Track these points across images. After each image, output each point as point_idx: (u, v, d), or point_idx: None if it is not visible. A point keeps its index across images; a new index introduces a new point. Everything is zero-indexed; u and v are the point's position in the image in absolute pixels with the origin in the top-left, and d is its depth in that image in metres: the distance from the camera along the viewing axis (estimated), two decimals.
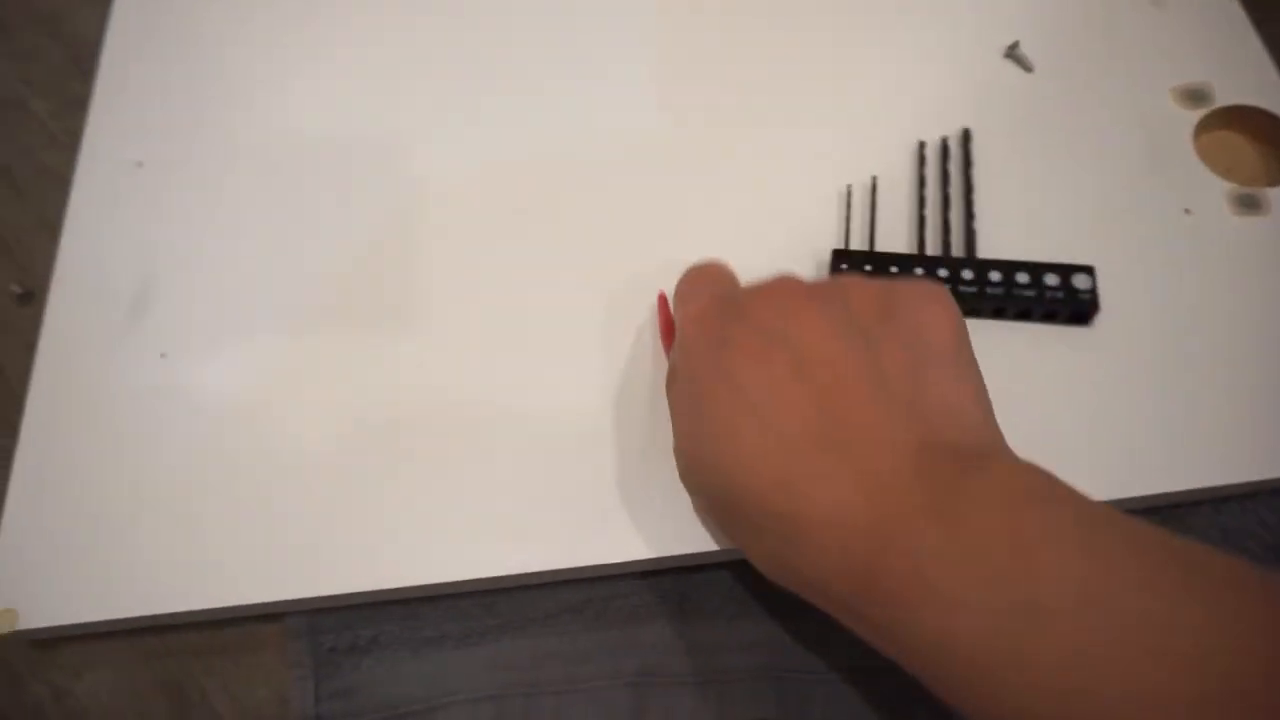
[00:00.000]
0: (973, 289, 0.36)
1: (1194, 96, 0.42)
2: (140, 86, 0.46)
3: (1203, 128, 0.42)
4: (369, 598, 0.34)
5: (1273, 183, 0.40)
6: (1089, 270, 0.36)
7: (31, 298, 0.43)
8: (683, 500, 0.34)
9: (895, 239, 0.39)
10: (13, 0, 0.52)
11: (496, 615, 0.35)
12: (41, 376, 0.38)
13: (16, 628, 0.33)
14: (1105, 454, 0.34)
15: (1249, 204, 0.39)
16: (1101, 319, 0.37)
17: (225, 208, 0.42)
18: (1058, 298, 0.36)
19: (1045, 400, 0.35)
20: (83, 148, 0.44)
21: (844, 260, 0.38)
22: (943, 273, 0.37)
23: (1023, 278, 0.36)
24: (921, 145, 0.41)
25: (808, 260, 0.39)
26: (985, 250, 0.38)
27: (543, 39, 0.46)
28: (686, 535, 0.34)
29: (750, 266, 0.34)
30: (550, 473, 0.35)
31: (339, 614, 0.35)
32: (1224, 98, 0.41)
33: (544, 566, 0.34)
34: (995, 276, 0.36)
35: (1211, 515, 0.35)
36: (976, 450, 0.27)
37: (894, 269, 0.37)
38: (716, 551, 0.34)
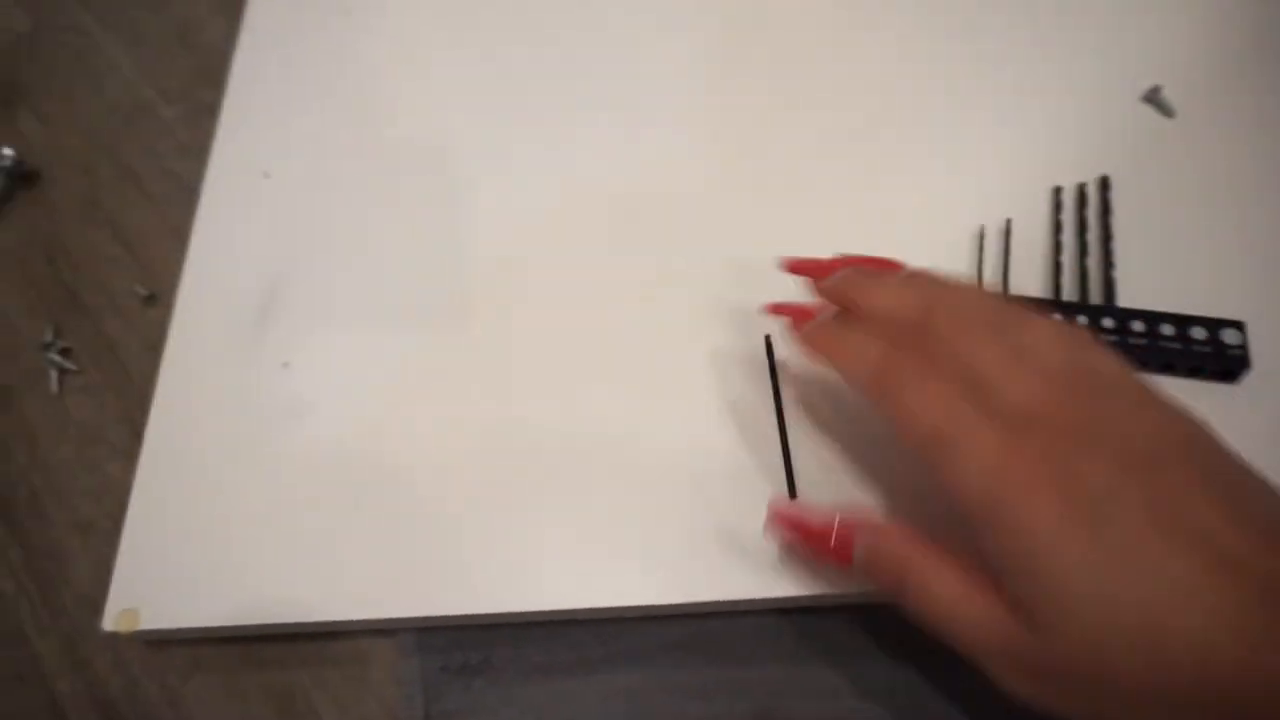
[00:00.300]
0: (1114, 338, 0.35)
1: None
2: (269, 97, 0.47)
3: None
4: (482, 620, 0.34)
5: None
6: (1239, 325, 0.35)
7: (155, 300, 0.44)
8: None
9: (1030, 284, 0.38)
10: (146, 8, 0.54)
11: (608, 644, 0.34)
12: (167, 381, 0.39)
13: (138, 628, 0.34)
14: None
15: None
16: (1250, 377, 0.35)
17: (349, 221, 0.43)
18: (1205, 352, 0.34)
19: None
20: (212, 156, 0.45)
21: None
22: (1082, 319, 0.36)
23: (1167, 329, 0.35)
24: (1058, 190, 0.40)
25: None
26: (1124, 301, 0.37)
27: (663, 64, 0.46)
28: (804, 578, 0.33)
29: None
30: (666, 506, 0.35)
31: (451, 633, 0.35)
32: None
33: (660, 600, 0.33)
34: (1139, 326, 0.35)
35: None
36: None
37: None
38: (837, 595, 0.33)
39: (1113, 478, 0.24)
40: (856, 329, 0.31)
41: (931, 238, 0.40)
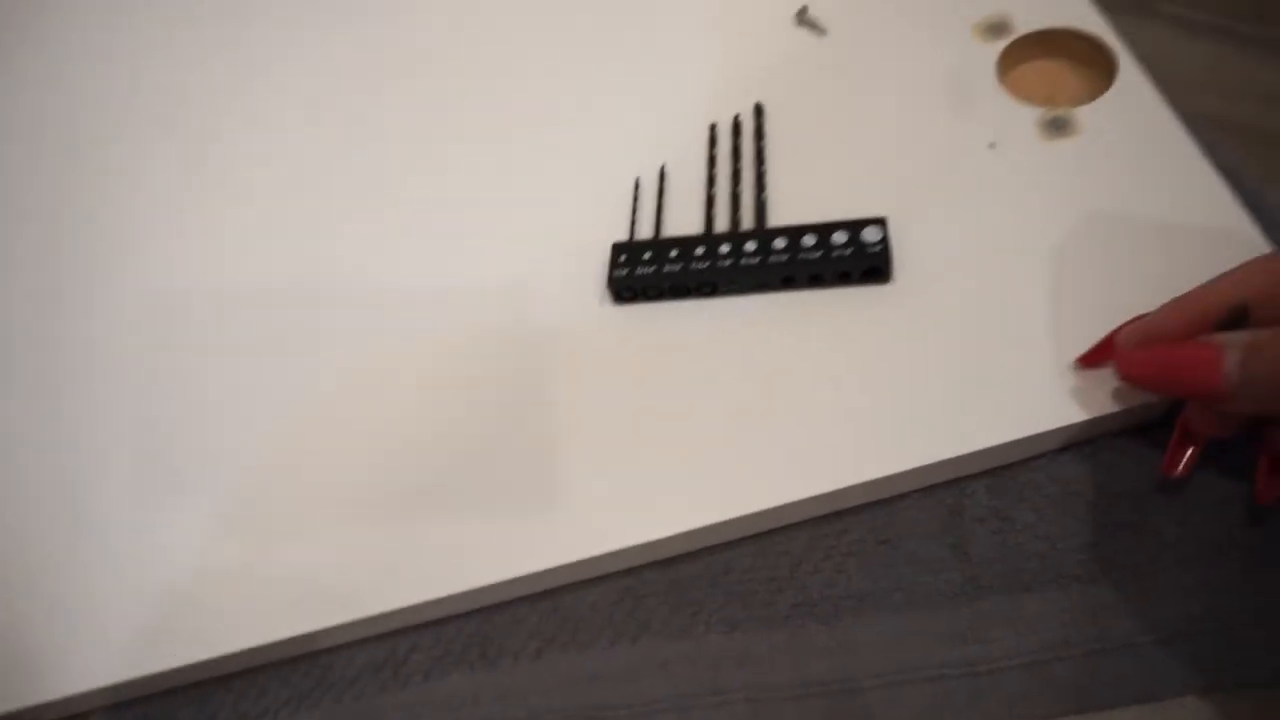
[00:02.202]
0: (755, 260, 0.34)
1: (994, 29, 0.39)
2: None
3: (1014, 59, 0.39)
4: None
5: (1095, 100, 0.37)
6: (880, 222, 0.33)
7: None
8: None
9: (687, 222, 0.37)
10: None
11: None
12: None
13: None
14: (922, 414, 0.31)
15: (1058, 127, 0.36)
16: (908, 272, 0.34)
17: None
18: (846, 255, 0.33)
19: (855, 366, 0.32)
20: None
21: (623, 253, 0.35)
22: (725, 248, 0.34)
23: (809, 240, 0.34)
24: (713, 127, 0.39)
25: (596, 258, 0.36)
26: (783, 221, 0.35)
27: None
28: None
29: (538, 272, 0.34)
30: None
31: None
32: (1028, 25, 0.39)
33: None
34: (780, 244, 0.34)
35: (1049, 468, 0.31)
36: None
37: (673, 253, 0.34)
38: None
39: None
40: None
41: (589, 195, 0.39)
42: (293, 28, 0.50)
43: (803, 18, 0.41)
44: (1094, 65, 0.38)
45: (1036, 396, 0.30)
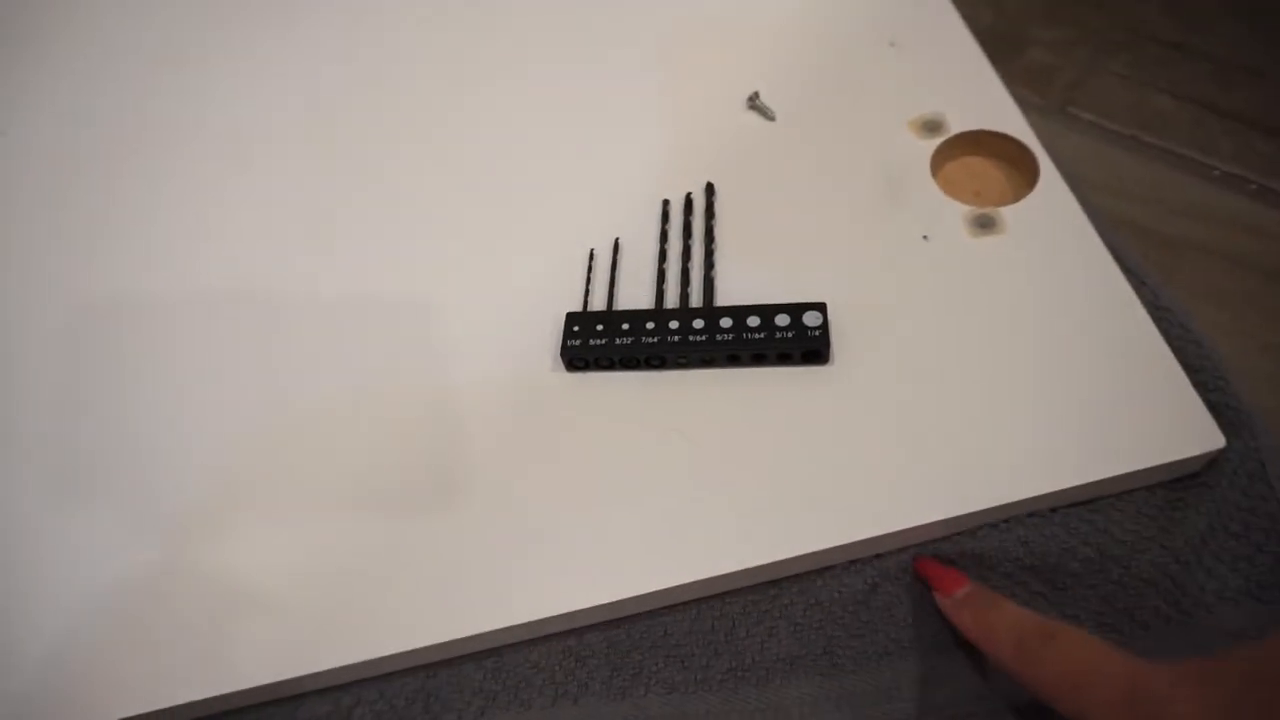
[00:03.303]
0: (702, 337, 0.35)
1: (930, 126, 0.42)
2: None
3: (946, 156, 0.42)
4: None
5: (1018, 199, 0.40)
6: (820, 307, 0.36)
7: None
8: None
9: (639, 296, 0.39)
10: None
11: None
12: None
13: None
14: (854, 491, 0.33)
15: (984, 225, 0.39)
16: (845, 355, 0.36)
17: None
18: (788, 338, 0.35)
19: (792, 443, 0.34)
20: None
21: (577, 323, 0.37)
22: (674, 324, 0.36)
23: (754, 321, 0.36)
24: (666, 203, 0.41)
25: (549, 325, 0.38)
26: (729, 300, 0.38)
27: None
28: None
29: (493, 336, 0.36)
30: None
31: None
32: (961, 125, 0.42)
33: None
34: (726, 323, 0.36)
35: (967, 541, 0.33)
36: None
37: (625, 325, 0.36)
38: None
39: None
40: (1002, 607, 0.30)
41: (544, 266, 0.40)
42: (245, 77, 0.51)
43: (754, 102, 0.44)
44: (1019, 165, 0.42)
45: (959, 478, 0.33)
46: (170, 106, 0.50)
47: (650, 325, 0.36)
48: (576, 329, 0.37)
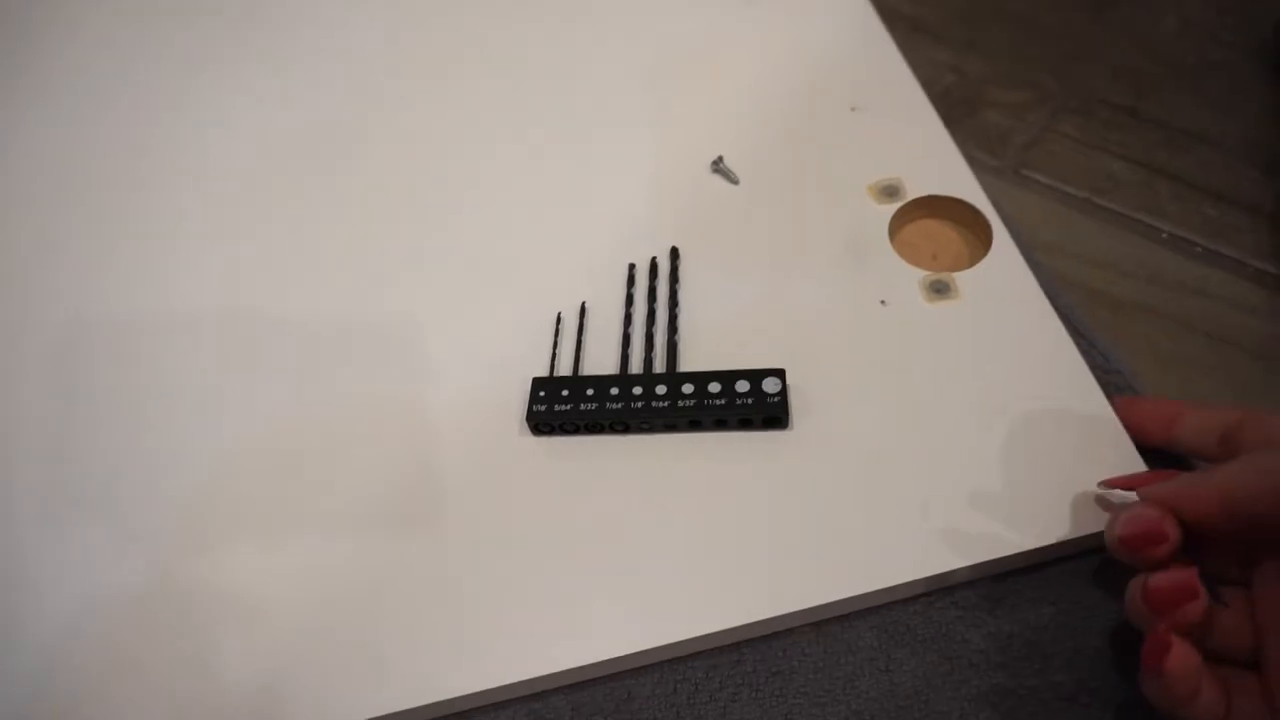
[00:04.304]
0: (665, 403, 0.36)
1: (888, 191, 0.43)
2: None
3: (904, 219, 0.43)
4: None
5: (974, 263, 0.41)
6: (779, 374, 0.37)
7: None
8: None
9: (604, 360, 0.39)
10: None
11: None
12: None
13: None
14: (815, 556, 0.34)
15: (939, 290, 0.40)
16: (805, 420, 0.37)
17: None
18: (748, 404, 0.36)
19: (754, 508, 0.35)
20: None
21: (543, 388, 0.38)
22: (638, 390, 0.37)
23: (715, 387, 0.37)
24: (631, 267, 0.42)
25: (515, 389, 0.39)
26: (692, 364, 0.38)
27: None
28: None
29: (458, 399, 0.37)
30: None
31: None
32: (918, 190, 0.43)
33: None
34: (688, 389, 0.37)
35: (927, 612, 0.34)
36: None
37: (590, 391, 0.37)
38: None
39: None
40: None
41: (512, 330, 0.41)
42: (227, 109, 0.52)
43: (718, 166, 0.45)
44: (974, 227, 0.43)
45: (921, 542, 0.33)
46: (165, 130, 0.52)
47: (614, 391, 0.37)
48: (542, 394, 0.37)
